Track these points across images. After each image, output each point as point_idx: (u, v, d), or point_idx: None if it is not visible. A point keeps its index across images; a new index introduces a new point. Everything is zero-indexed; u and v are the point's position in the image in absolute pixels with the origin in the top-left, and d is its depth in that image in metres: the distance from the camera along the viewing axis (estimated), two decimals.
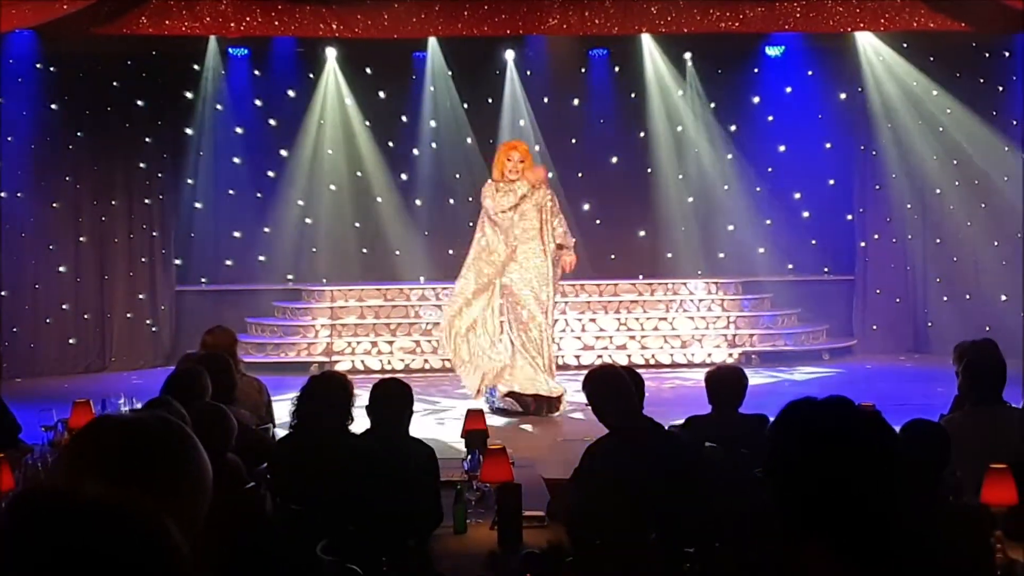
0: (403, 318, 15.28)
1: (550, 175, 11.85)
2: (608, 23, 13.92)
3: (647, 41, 15.93)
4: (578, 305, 15.17)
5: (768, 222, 16.57)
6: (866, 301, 16.01)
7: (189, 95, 15.71)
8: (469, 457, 5.99)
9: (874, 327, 15.84)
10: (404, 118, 16.57)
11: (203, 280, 16.14)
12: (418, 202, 16.66)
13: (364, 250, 16.68)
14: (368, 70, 16.32)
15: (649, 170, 16.66)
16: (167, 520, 1.57)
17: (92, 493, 1.59)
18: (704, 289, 15.70)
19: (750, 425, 6.30)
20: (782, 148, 16.40)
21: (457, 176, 16.56)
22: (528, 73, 16.42)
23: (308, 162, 16.36)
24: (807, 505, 2.22)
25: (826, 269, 16.47)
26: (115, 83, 15.08)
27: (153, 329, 15.40)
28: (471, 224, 16.38)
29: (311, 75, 16.25)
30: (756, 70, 16.44)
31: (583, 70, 16.60)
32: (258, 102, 16.19)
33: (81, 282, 15.01)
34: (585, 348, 14.84)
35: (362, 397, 5.84)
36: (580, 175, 15.98)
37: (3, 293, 14.30)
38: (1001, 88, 15.13)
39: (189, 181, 16.02)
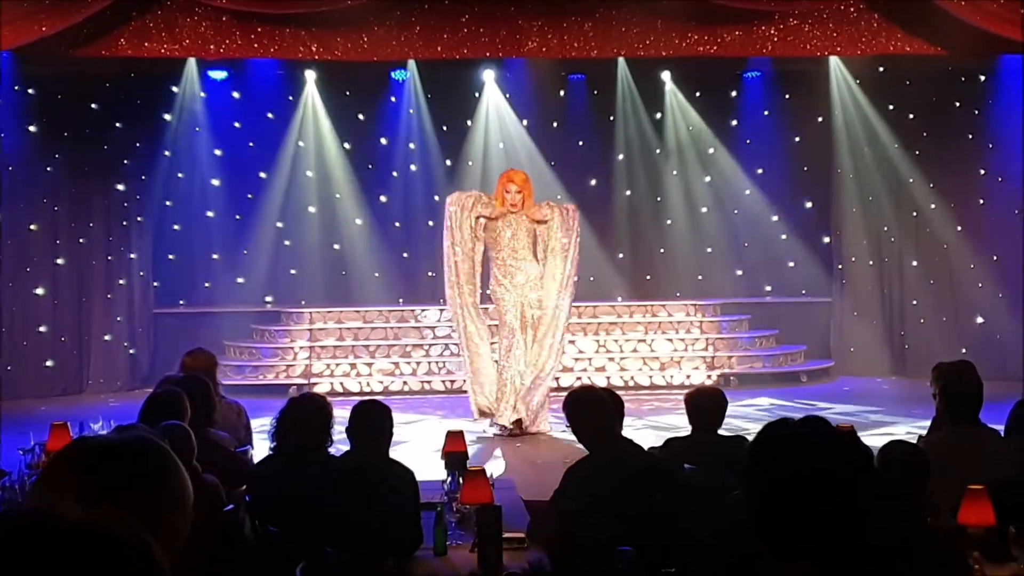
0: (382, 340, 15.27)
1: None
2: (587, 46, 13.95)
3: (625, 65, 16.01)
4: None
5: (746, 244, 16.65)
6: (843, 323, 16.06)
7: (168, 117, 15.70)
8: (449, 479, 5.99)
9: (852, 349, 15.89)
10: (383, 140, 16.61)
11: (181, 302, 16.10)
12: (397, 224, 16.67)
13: (343, 272, 16.68)
14: (347, 92, 16.35)
15: (628, 192, 16.73)
16: (150, 540, 1.57)
17: (72, 514, 1.58)
18: (683, 311, 15.75)
19: (729, 446, 6.31)
20: (760, 171, 16.48)
21: (436, 198, 16.56)
22: (507, 96, 16.47)
23: (287, 184, 16.37)
24: (784, 526, 2.22)
25: (804, 291, 16.52)
26: (93, 105, 15.05)
27: (131, 351, 15.34)
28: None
29: (290, 97, 16.27)
30: (734, 93, 16.54)
31: (562, 93, 16.66)
32: (237, 124, 16.18)
33: (58, 304, 14.95)
34: (564, 370, 14.81)
35: (341, 419, 5.83)
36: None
37: None
38: (977, 111, 15.23)
39: (167, 203, 15.99)
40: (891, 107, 15.57)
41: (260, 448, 7.25)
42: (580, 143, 16.67)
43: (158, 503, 1.90)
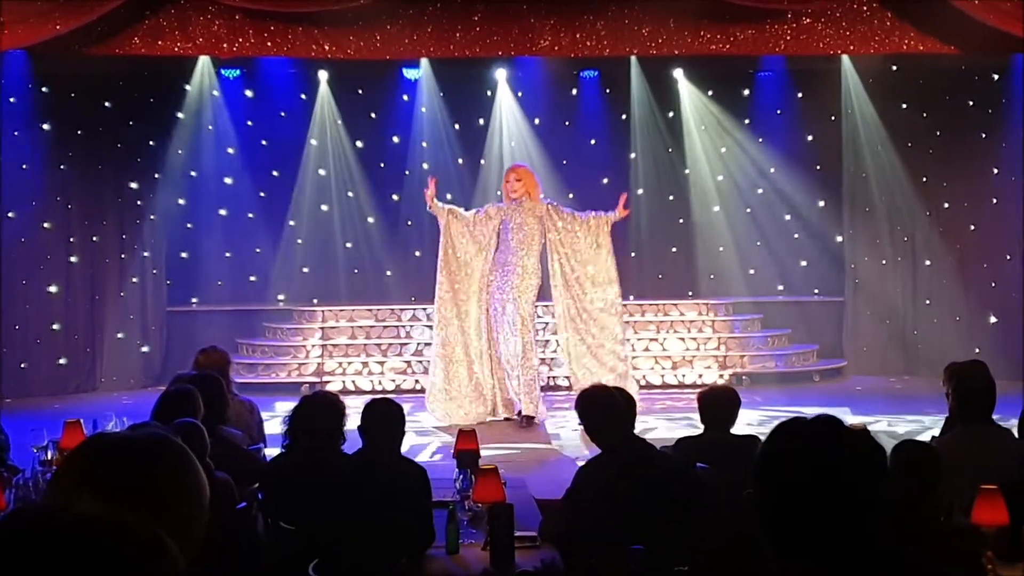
0: (394, 339, 15.29)
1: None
2: (599, 45, 13.96)
3: (638, 63, 16.00)
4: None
5: (758, 243, 16.62)
6: (856, 322, 16.02)
7: (181, 115, 15.72)
8: (461, 477, 5.99)
9: (864, 348, 15.85)
10: (395, 139, 16.61)
11: (194, 301, 16.14)
12: (409, 223, 16.67)
13: (355, 270, 16.70)
14: (360, 91, 16.37)
15: (640, 191, 16.70)
16: (165, 538, 1.57)
17: (88, 511, 1.59)
18: (695, 310, 15.73)
19: (741, 446, 6.31)
20: (772, 170, 16.45)
21: (449, 196, 16.55)
22: (519, 94, 16.47)
23: (299, 182, 16.39)
24: (795, 526, 2.22)
25: (816, 290, 16.49)
26: (107, 103, 15.09)
27: (144, 349, 15.38)
28: None
29: (303, 96, 16.30)
30: (746, 92, 16.50)
31: (574, 91, 16.65)
32: (250, 123, 16.21)
33: (72, 302, 14.98)
34: None
35: (353, 417, 5.84)
36: (571, 196, 15.96)
37: None
38: (990, 110, 15.18)
39: (180, 201, 16.02)
40: (904, 106, 15.52)
41: (273, 446, 7.27)
42: (592, 142, 16.66)
43: (175, 500, 1.91)
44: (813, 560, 2.20)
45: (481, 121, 16.55)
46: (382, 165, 16.63)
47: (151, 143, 15.52)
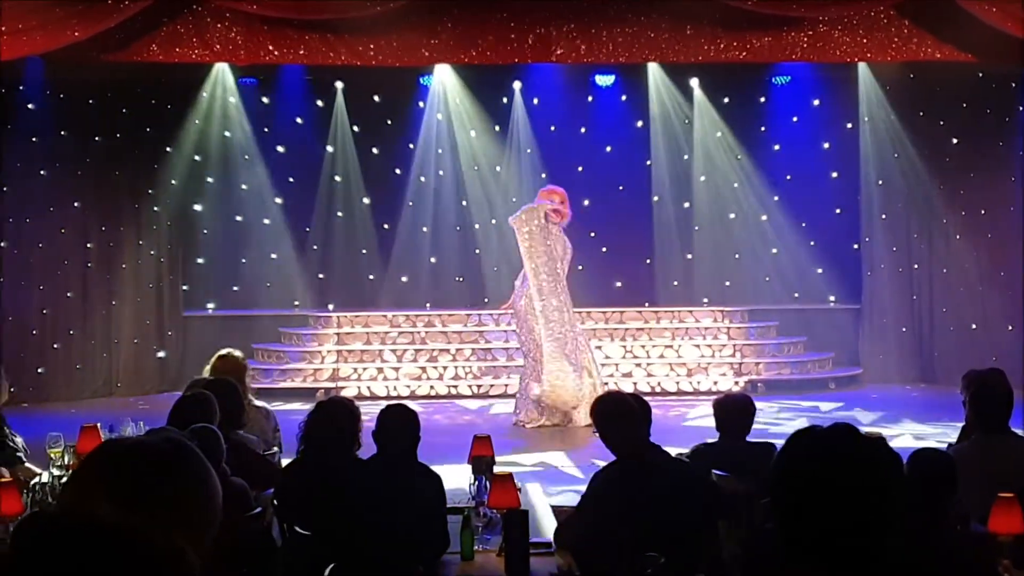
0: (409, 344, 15.29)
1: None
2: (615, 52, 13.96)
3: (654, 70, 16.01)
4: (584, 332, 15.16)
5: (774, 251, 16.59)
6: (872, 330, 15.97)
7: (197, 122, 15.77)
8: (476, 483, 5.98)
9: (880, 356, 15.79)
10: (412, 145, 16.63)
11: (210, 306, 16.18)
12: (425, 229, 16.70)
13: (371, 276, 16.72)
14: (376, 98, 16.40)
15: (656, 198, 16.69)
16: (182, 543, 1.58)
17: (105, 515, 1.59)
18: (710, 317, 15.71)
19: (757, 453, 6.30)
20: (788, 177, 16.42)
21: (464, 203, 16.62)
22: (535, 101, 16.49)
23: (315, 189, 16.43)
24: (812, 533, 2.22)
25: (832, 298, 16.46)
26: (124, 110, 15.14)
27: (160, 354, 15.42)
28: (477, 251, 16.58)
29: (319, 102, 16.35)
30: (763, 99, 16.48)
31: (590, 99, 16.65)
32: (266, 129, 16.25)
33: (88, 308, 15.03)
34: None
35: (368, 423, 5.84)
36: (586, 203, 15.95)
37: (10, 319, 14.32)
38: (1007, 118, 15.12)
39: (197, 207, 16.07)
40: (921, 113, 15.48)
41: (288, 451, 7.27)
42: (608, 149, 16.67)
43: (186, 505, 1.91)
44: (829, 567, 2.20)
45: (497, 128, 16.57)
46: (398, 171, 16.67)
47: (168, 149, 15.57)
